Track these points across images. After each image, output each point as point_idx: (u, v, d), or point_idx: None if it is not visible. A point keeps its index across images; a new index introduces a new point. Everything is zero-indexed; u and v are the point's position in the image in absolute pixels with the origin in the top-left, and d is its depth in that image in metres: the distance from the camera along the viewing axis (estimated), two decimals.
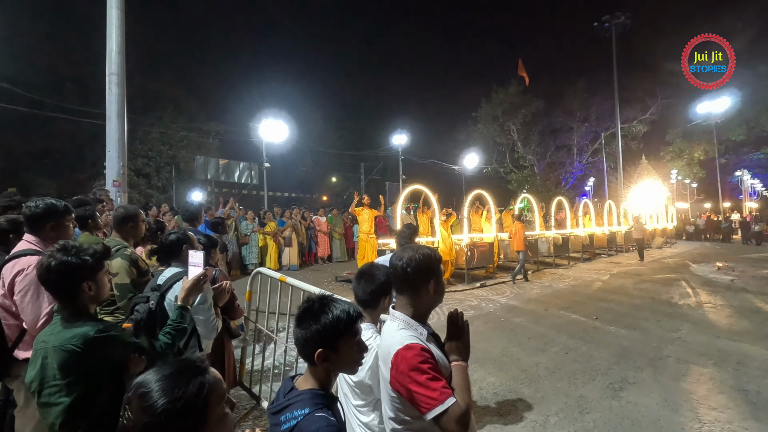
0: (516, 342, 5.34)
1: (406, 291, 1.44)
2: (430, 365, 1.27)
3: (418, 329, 1.39)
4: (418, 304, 1.43)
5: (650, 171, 29.12)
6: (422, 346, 1.31)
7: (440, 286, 1.46)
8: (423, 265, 1.41)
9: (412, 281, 1.42)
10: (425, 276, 1.41)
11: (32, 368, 1.44)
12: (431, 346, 1.37)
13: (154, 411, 0.76)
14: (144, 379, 0.81)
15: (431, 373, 1.25)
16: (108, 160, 7.19)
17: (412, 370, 1.26)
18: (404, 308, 1.44)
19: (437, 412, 1.21)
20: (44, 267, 1.48)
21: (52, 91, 17.64)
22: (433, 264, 1.43)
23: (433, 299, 1.44)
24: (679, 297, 7.91)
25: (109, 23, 7.27)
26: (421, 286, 1.41)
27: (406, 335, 1.35)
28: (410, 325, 1.40)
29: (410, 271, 1.40)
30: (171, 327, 1.75)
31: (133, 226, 2.65)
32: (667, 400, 3.73)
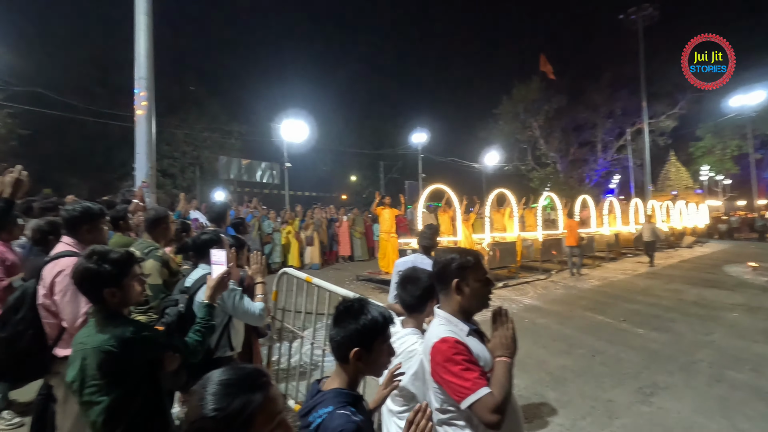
0: (540, 344, 5.25)
1: (441, 290, 1.54)
2: (464, 357, 1.32)
3: (459, 325, 1.45)
4: (452, 303, 1.48)
5: (678, 167, 28.17)
6: (456, 339, 1.37)
7: (472, 288, 1.47)
8: (446, 265, 1.49)
9: (440, 280, 1.52)
10: (449, 276, 1.48)
11: (72, 368, 1.50)
12: (471, 340, 1.42)
13: (200, 414, 0.77)
14: (208, 376, 0.83)
15: (465, 364, 1.31)
16: (137, 162, 7.41)
17: (447, 361, 1.33)
18: (443, 306, 1.53)
19: (471, 401, 1.26)
20: (74, 271, 1.56)
21: (83, 95, 18.31)
22: (455, 265, 1.48)
23: (464, 300, 1.47)
24: (711, 299, 7.63)
25: (137, 29, 7.49)
26: (448, 285, 1.48)
27: (443, 330, 1.42)
28: (450, 321, 1.46)
29: (438, 271, 1.52)
30: (200, 325, 1.80)
31: (164, 228, 2.72)
32: (701, 406, 3.61)
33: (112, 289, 1.55)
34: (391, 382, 1.63)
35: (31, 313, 2.18)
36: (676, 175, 27.72)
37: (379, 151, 30.50)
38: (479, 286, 1.49)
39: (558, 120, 27.69)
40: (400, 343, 1.69)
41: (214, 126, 23.14)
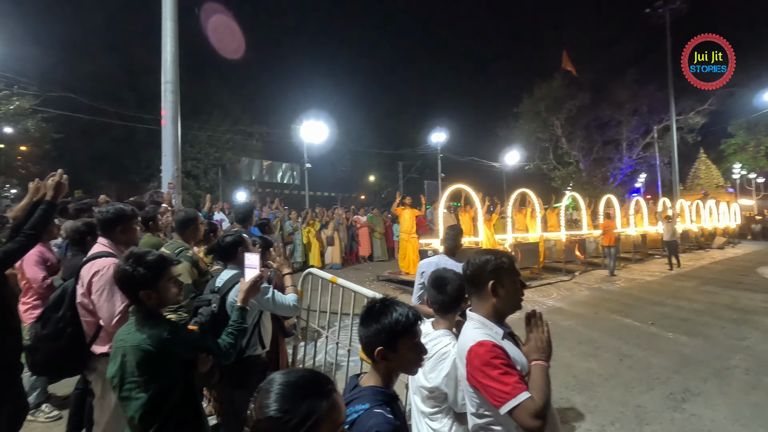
0: (565, 347, 5.15)
1: (473, 292, 1.52)
2: (502, 361, 1.30)
3: (493, 328, 1.43)
4: (486, 305, 1.47)
5: (708, 165, 27.16)
6: (494, 343, 1.34)
7: (507, 290, 1.46)
8: (481, 267, 1.47)
9: (473, 283, 1.50)
10: (484, 277, 1.45)
11: (113, 364, 1.56)
12: (506, 344, 1.39)
13: (264, 414, 0.78)
14: (274, 377, 0.84)
15: (503, 368, 1.28)
16: (163, 164, 7.61)
17: (485, 365, 1.30)
18: (476, 308, 1.50)
19: (511, 406, 1.23)
20: (114, 272, 1.64)
21: (111, 99, 18.96)
22: (489, 267, 1.46)
23: (498, 302, 1.45)
24: (745, 302, 7.33)
25: (164, 34, 7.69)
26: (481, 287, 1.46)
27: (479, 333, 1.40)
28: (484, 324, 1.44)
29: (469, 273, 1.50)
30: (233, 327, 1.83)
31: (194, 229, 2.79)
32: (736, 414, 3.47)
33: (148, 291, 1.60)
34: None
35: (71, 312, 2.27)
36: (705, 173, 26.76)
37: (398, 151, 30.49)
38: (514, 289, 1.47)
39: (581, 118, 27.01)
40: (432, 344, 1.69)
41: (236, 128, 23.58)
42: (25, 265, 3.05)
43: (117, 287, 2.11)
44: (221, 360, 1.73)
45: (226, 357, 1.73)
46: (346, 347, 3.06)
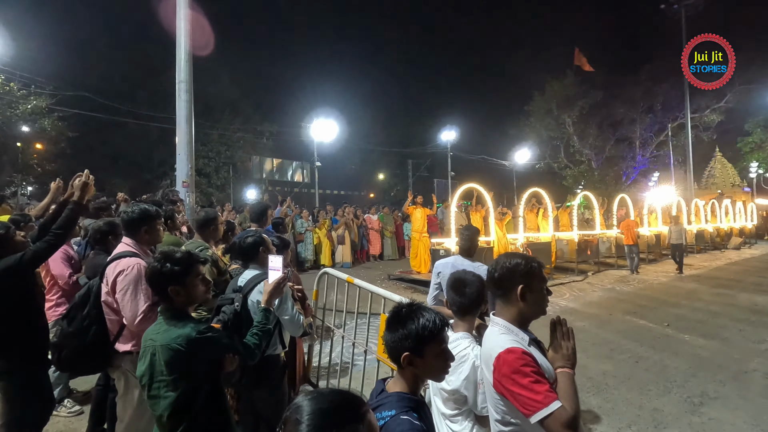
0: (579, 348, 4.97)
1: (499, 296, 1.48)
2: (532, 368, 1.27)
3: (519, 334, 1.40)
4: (512, 310, 1.44)
5: (724, 164, 26.64)
6: (523, 350, 1.31)
7: (535, 295, 1.43)
8: (511, 270, 1.43)
9: (500, 286, 1.46)
10: (512, 282, 1.42)
11: (142, 363, 1.59)
12: (533, 350, 1.37)
13: None
14: (300, 404, 0.76)
15: (534, 376, 1.25)
16: (178, 163, 7.68)
17: (515, 372, 1.27)
18: (502, 313, 1.47)
19: (542, 416, 1.20)
20: (146, 270, 1.69)
21: (125, 98, 19.22)
22: (520, 271, 1.43)
23: (526, 307, 1.42)
24: (764, 304, 7.20)
25: (178, 34, 7.75)
26: (509, 291, 1.43)
27: (506, 339, 1.37)
28: (510, 330, 1.41)
29: (497, 276, 1.46)
30: (258, 328, 1.86)
31: (214, 229, 2.83)
32: (757, 418, 3.42)
33: (176, 287, 1.64)
34: None
35: (95, 310, 2.32)
36: (721, 172, 26.23)
37: (408, 149, 30.46)
38: (541, 294, 1.44)
39: (593, 116, 26.65)
40: (452, 347, 1.69)
41: (247, 126, 23.75)
42: (51, 262, 3.11)
43: (142, 286, 2.17)
44: (246, 360, 1.76)
45: (251, 357, 1.76)
46: (363, 347, 3.08)
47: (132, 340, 2.26)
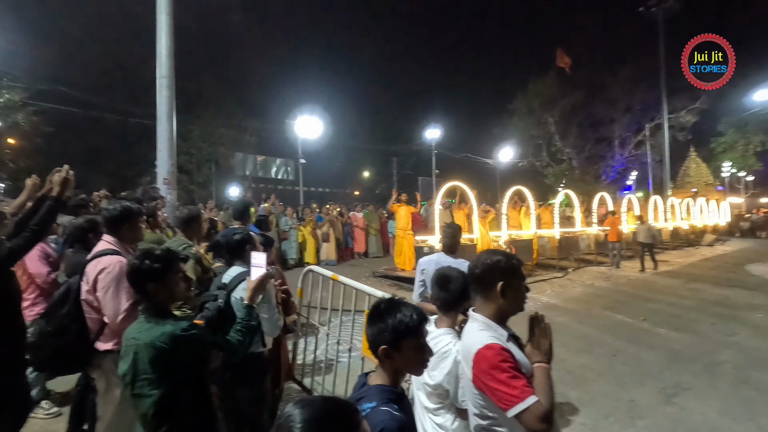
0: (559, 342, 5.17)
1: (478, 292, 1.51)
2: (510, 364, 1.31)
3: (498, 330, 1.43)
4: (492, 307, 1.46)
5: (699, 164, 27.48)
6: (502, 346, 1.35)
7: (514, 291, 1.46)
8: (491, 267, 1.46)
9: (480, 283, 1.49)
10: (492, 279, 1.45)
11: (124, 362, 1.58)
12: (511, 346, 1.40)
13: None
14: (292, 413, 0.72)
15: (511, 371, 1.29)
16: (158, 159, 7.54)
17: (493, 368, 1.30)
18: (481, 309, 1.49)
19: (519, 410, 1.24)
20: (127, 268, 1.68)
21: (103, 92, 18.72)
22: (500, 268, 1.46)
23: (505, 304, 1.45)
24: (734, 298, 7.49)
25: (158, 28, 7.59)
26: (489, 288, 1.46)
27: (485, 335, 1.40)
28: (489, 326, 1.44)
29: (478, 272, 1.49)
30: (241, 325, 1.86)
31: (197, 227, 2.81)
32: (726, 408, 3.58)
33: (155, 284, 1.63)
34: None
35: (75, 308, 2.28)
36: (696, 171, 27.04)
37: (393, 147, 30.48)
38: (520, 291, 1.48)
39: (574, 115, 27.17)
40: (434, 342, 1.72)
41: (229, 122, 23.38)
42: (28, 260, 3.04)
43: (123, 284, 2.14)
44: (230, 356, 1.77)
45: (235, 354, 1.77)
46: (347, 344, 3.09)
47: (113, 339, 2.22)
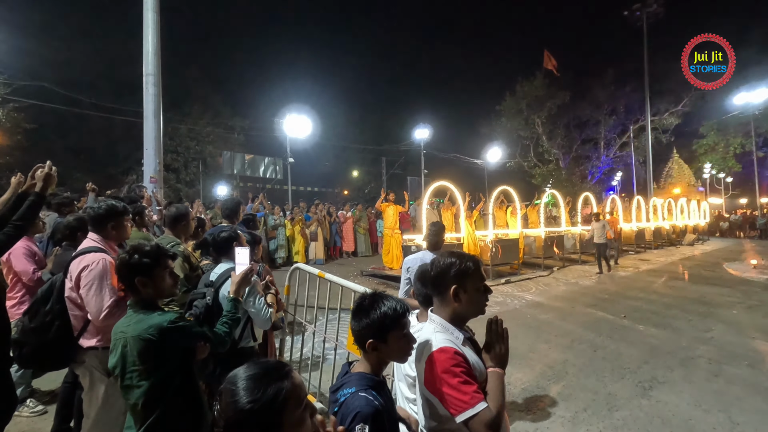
0: (543, 339, 5.36)
1: (435, 294, 1.49)
2: (462, 369, 1.29)
3: (454, 333, 1.41)
4: (448, 309, 1.44)
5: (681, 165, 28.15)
6: (455, 350, 1.33)
7: (470, 294, 1.43)
8: (444, 270, 1.43)
9: (436, 285, 1.46)
10: (447, 282, 1.42)
11: (113, 356, 1.62)
12: (466, 350, 1.38)
13: (236, 408, 0.83)
14: (234, 374, 0.88)
15: (463, 377, 1.28)
16: (145, 158, 7.49)
17: (445, 372, 1.29)
18: (439, 311, 1.47)
19: (467, 416, 1.24)
20: (116, 261, 1.72)
21: (87, 89, 18.41)
22: (455, 272, 1.42)
23: (460, 307, 1.43)
24: (711, 296, 7.73)
25: (145, 25, 7.54)
26: (444, 291, 1.43)
27: (441, 338, 1.38)
28: (446, 328, 1.42)
29: (433, 274, 1.47)
30: (227, 317, 1.93)
31: (185, 225, 2.83)
32: (699, 400, 3.71)
33: (143, 278, 1.67)
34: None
35: (59, 305, 2.29)
36: (678, 172, 27.71)
37: (382, 147, 30.52)
38: (477, 294, 1.44)
39: (561, 116, 27.68)
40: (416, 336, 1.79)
41: (217, 121, 23.20)
42: (13, 258, 3.02)
43: (106, 282, 2.16)
44: (217, 348, 1.82)
45: (221, 344, 1.83)
46: (333, 341, 3.14)
47: (97, 336, 2.25)
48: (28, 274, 3.08)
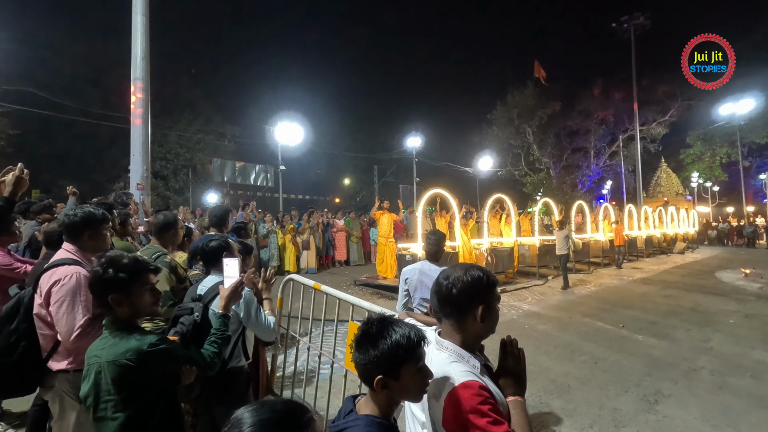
0: (542, 351, 5.23)
1: (451, 316, 1.28)
2: (490, 406, 1.13)
3: (471, 361, 1.23)
4: (465, 332, 1.26)
5: (669, 174, 28.55)
6: (480, 384, 1.17)
7: (492, 313, 1.28)
8: (471, 288, 1.24)
9: (457, 305, 1.26)
10: (472, 301, 1.24)
11: (86, 383, 1.43)
12: (487, 380, 1.22)
13: None
14: (241, 417, 0.73)
15: (492, 415, 1.11)
16: (132, 164, 7.28)
17: (470, 413, 1.11)
18: (451, 336, 1.28)
19: None
20: (89, 276, 1.51)
21: (73, 94, 18.05)
22: (483, 288, 1.26)
23: (481, 328, 1.26)
24: (707, 305, 7.69)
25: (134, 29, 7.37)
26: (467, 311, 1.24)
27: (460, 371, 1.19)
28: (462, 357, 1.24)
29: (455, 293, 1.25)
30: (216, 336, 1.73)
31: (173, 234, 2.64)
32: (706, 414, 3.60)
33: (118, 296, 1.48)
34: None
35: (26, 324, 2.09)
36: (666, 181, 28.12)
37: (374, 155, 30.49)
38: (497, 312, 1.29)
39: (551, 126, 27.99)
40: None
41: (208, 128, 22.95)
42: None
43: (80, 298, 1.96)
44: (205, 371, 1.62)
45: (210, 368, 1.63)
46: (329, 356, 2.97)
47: (68, 358, 2.02)
48: None
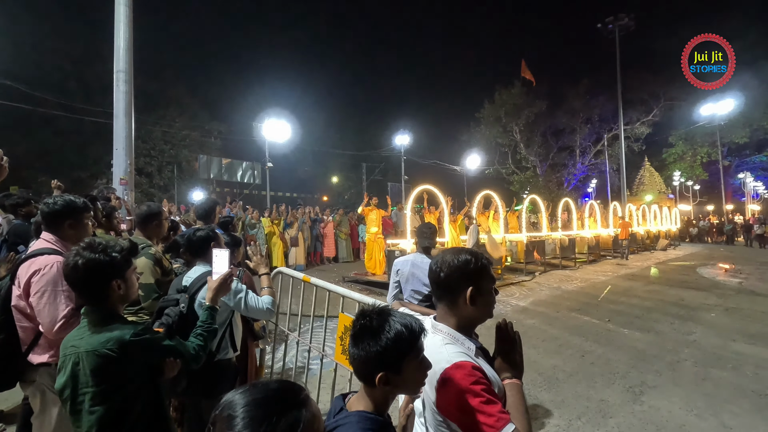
0: (530, 344, 5.26)
1: (443, 299, 1.29)
2: (483, 386, 1.10)
3: (465, 343, 1.22)
4: (458, 315, 1.25)
5: (652, 173, 29.12)
6: (473, 365, 1.14)
7: (484, 296, 1.26)
8: (458, 270, 1.24)
9: (447, 287, 1.26)
10: (461, 283, 1.24)
11: (62, 375, 1.36)
12: (481, 362, 1.20)
13: None
14: (232, 399, 0.69)
15: (485, 395, 1.09)
16: (115, 158, 7.12)
17: (463, 392, 1.10)
18: (445, 319, 1.28)
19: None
20: (71, 266, 1.38)
21: (54, 89, 17.58)
22: (471, 270, 1.24)
23: (472, 310, 1.25)
24: (689, 299, 7.85)
25: (117, 20, 7.19)
26: (457, 294, 1.24)
27: (453, 351, 1.18)
28: (456, 339, 1.22)
29: (443, 276, 1.26)
30: (202, 329, 1.67)
31: (157, 225, 2.57)
32: (690, 404, 3.67)
33: (119, 280, 1.43)
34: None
35: (4, 316, 2.01)
36: (649, 180, 28.66)
37: (362, 153, 30.42)
38: (490, 296, 1.28)
39: (538, 125, 28.31)
40: None
41: (193, 124, 22.59)
42: None
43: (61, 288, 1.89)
44: (190, 364, 1.57)
45: (195, 361, 1.57)
46: (319, 351, 2.93)
47: (50, 350, 1.97)
48: None
